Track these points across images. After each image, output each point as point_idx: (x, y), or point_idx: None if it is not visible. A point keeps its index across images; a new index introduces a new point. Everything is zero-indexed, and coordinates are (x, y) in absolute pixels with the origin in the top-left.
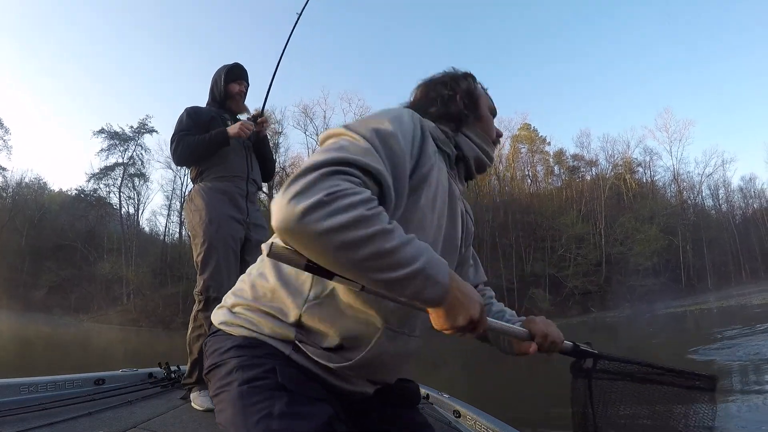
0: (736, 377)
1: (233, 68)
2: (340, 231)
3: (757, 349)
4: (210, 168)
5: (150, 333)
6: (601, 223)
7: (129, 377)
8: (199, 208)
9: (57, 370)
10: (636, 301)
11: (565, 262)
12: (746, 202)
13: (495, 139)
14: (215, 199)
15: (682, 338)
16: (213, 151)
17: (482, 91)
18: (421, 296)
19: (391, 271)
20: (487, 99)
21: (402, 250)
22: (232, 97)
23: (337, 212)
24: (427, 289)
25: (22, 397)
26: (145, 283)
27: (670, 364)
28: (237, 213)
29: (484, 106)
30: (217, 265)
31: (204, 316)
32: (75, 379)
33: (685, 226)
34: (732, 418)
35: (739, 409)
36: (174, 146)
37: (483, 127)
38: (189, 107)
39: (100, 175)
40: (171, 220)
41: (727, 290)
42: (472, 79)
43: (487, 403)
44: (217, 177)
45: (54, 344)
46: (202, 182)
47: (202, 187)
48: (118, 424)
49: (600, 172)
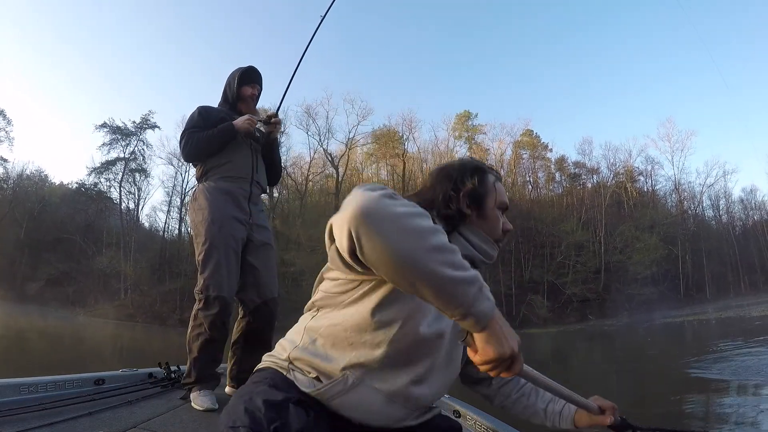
0: (731, 396)
1: (247, 71)
2: (413, 216)
3: (754, 365)
4: (215, 168)
5: (145, 329)
6: (601, 231)
7: (129, 377)
8: (202, 207)
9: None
10: (634, 309)
11: (564, 269)
12: (746, 213)
13: (500, 236)
14: (218, 199)
15: (677, 350)
16: (221, 145)
17: (492, 186)
18: (472, 307)
19: (452, 268)
20: (496, 194)
21: (459, 254)
22: (244, 100)
23: (407, 204)
24: (479, 301)
25: (22, 397)
26: (142, 278)
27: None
28: (240, 213)
29: (490, 203)
30: (217, 264)
31: (204, 315)
32: (75, 379)
33: (684, 236)
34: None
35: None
36: (183, 142)
37: (486, 225)
38: (201, 106)
39: (101, 169)
40: (171, 216)
41: (725, 301)
42: (482, 173)
43: (486, 403)
44: (222, 177)
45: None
46: (206, 182)
47: (206, 187)
48: (118, 424)
49: (601, 180)
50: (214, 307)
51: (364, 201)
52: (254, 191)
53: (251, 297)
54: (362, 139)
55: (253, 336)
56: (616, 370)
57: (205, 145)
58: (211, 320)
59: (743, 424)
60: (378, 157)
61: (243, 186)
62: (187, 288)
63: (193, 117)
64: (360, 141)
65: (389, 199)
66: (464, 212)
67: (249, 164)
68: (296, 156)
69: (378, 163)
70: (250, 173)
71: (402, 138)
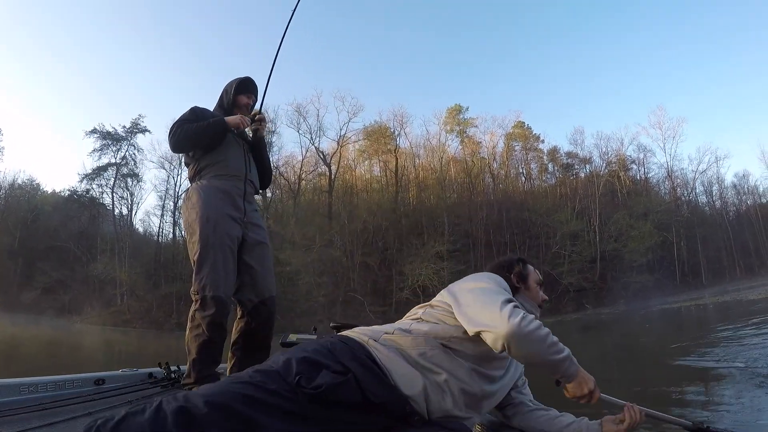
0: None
1: (245, 81)
2: (536, 330)
3: (752, 352)
4: (208, 166)
5: (142, 334)
6: (596, 220)
7: (129, 377)
8: (196, 205)
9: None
10: (631, 297)
11: (560, 259)
12: (740, 198)
13: (541, 302)
14: (213, 197)
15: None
16: (211, 139)
17: (532, 270)
18: (567, 371)
19: (557, 354)
20: (536, 274)
21: (559, 343)
22: (239, 107)
23: (531, 322)
24: (571, 367)
25: (22, 397)
26: (138, 284)
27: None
28: (234, 212)
29: (532, 281)
30: (214, 263)
31: (201, 316)
32: (75, 379)
33: (679, 223)
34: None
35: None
36: (172, 132)
37: (530, 295)
38: (195, 106)
39: (92, 175)
40: (165, 220)
41: (721, 286)
42: (523, 263)
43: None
44: (216, 175)
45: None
46: (199, 180)
47: (200, 185)
48: None
49: (594, 170)
50: (210, 308)
51: (511, 329)
52: (248, 189)
53: (249, 297)
54: (354, 136)
55: (252, 336)
56: (616, 358)
57: (194, 135)
58: (209, 321)
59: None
60: (370, 154)
61: (237, 184)
62: (183, 291)
63: (186, 112)
64: (352, 138)
65: (523, 321)
66: (516, 286)
67: (242, 162)
68: (288, 155)
69: (370, 159)
70: (244, 171)
71: (393, 134)
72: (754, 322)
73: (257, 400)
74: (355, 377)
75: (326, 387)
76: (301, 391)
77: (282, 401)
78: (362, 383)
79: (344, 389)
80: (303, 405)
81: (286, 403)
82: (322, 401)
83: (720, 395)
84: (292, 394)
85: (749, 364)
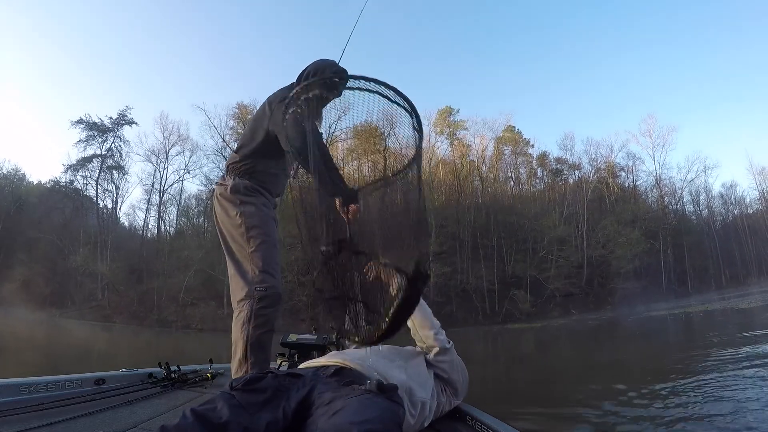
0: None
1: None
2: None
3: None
4: (263, 173)
5: (122, 329)
6: (583, 225)
7: (129, 377)
8: (255, 202)
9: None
10: (617, 303)
11: (547, 263)
12: (727, 208)
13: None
14: (267, 200)
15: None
16: (303, 164)
17: None
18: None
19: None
20: None
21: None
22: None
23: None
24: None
25: (22, 397)
26: (119, 278)
27: None
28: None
29: None
30: (278, 261)
31: (272, 311)
32: (75, 379)
33: (666, 231)
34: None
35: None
36: (314, 134)
37: None
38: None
39: (77, 166)
40: (150, 214)
41: (707, 294)
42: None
43: (487, 403)
44: (264, 186)
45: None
46: (250, 179)
47: (258, 184)
48: (118, 424)
49: (583, 176)
50: (277, 303)
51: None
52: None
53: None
54: (342, 135)
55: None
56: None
57: (320, 158)
58: (274, 316)
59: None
60: (359, 154)
61: (273, 201)
62: (166, 287)
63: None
64: (341, 137)
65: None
66: None
67: (282, 188)
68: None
69: (360, 159)
70: (281, 196)
71: (383, 134)
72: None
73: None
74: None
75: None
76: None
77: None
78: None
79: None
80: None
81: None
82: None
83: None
84: None
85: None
